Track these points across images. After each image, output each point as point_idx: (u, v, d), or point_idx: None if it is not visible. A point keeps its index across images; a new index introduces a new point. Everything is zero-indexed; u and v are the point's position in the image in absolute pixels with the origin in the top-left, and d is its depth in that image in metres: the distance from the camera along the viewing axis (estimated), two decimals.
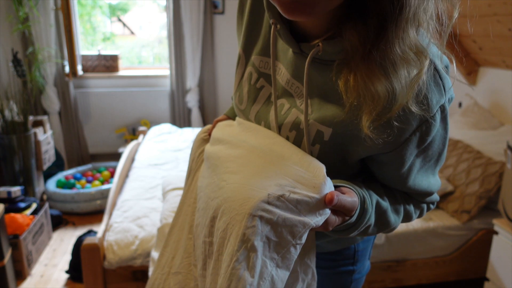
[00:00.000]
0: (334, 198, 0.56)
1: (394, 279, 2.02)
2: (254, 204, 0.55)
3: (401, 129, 0.58)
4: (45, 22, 3.21)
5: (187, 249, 0.78)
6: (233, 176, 0.63)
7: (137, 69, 3.96)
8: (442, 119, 0.61)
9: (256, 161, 0.64)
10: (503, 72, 2.44)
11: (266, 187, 0.57)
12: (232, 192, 0.59)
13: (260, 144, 0.67)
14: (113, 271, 1.76)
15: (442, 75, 0.59)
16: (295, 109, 0.67)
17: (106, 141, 3.80)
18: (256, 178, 0.59)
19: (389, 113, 0.56)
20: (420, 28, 0.54)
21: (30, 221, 2.30)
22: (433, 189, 0.71)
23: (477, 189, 2.03)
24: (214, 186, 0.65)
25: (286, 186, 0.57)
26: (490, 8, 2.11)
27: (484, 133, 2.37)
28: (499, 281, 1.87)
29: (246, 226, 0.54)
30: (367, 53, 0.54)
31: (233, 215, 0.56)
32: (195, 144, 0.89)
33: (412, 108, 0.55)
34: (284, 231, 0.55)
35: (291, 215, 0.55)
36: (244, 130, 0.74)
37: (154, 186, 2.32)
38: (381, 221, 0.68)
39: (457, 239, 2.05)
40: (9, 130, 2.61)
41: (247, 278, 0.53)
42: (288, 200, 0.55)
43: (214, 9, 3.59)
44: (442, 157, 0.67)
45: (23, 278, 2.20)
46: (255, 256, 0.53)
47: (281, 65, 0.70)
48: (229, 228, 0.57)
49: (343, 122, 0.61)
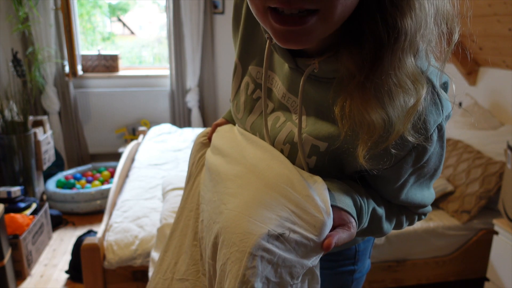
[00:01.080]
0: (331, 245, 0.56)
1: (394, 279, 2.02)
2: (254, 242, 0.54)
3: (398, 153, 0.58)
4: (45, 22, 3.21)
5: (193, 256, 0.77)
6: (233, 200, 0.62)
7: (137, 69, 3.96)
8: (439, 138, 0.59)
9: (256, 184, 0.63)
10: (503, 72, 2.44)
11: (266, 220, 0.56)
12: (231, 221, 0.59)
13: (259, 162, 0.66)
14: (113, 271, 1.75)
15: (440, 94, 0.57)
16: (290, 123, 0.67)
17: (106, 141, 3.80)
18: (255, 207, 0.58)
19: (386, 143, 0.55)
20: (419, 53, 0.53)
21: (30, 221, 2.30)
22: (427, 202, 0.71)
23: (477, 189, 2.03)
24: (215, 207, 0.65)
25: (286, 222, 0.56)
26: (490, 8, 2.11)
27: (484, 133, 2.37)
28: (499, 281, 1.87)
29: (247, 267, 0.53)
30: (363, 81, 0.53)
31: (233, 250, 0.56)
32: (195, 148, 0.89)
33: (410, 137, 0.54)
34: (284, 272, 0.54)
35: (290, 256, 0.55)
36: (244, 141, 0.74)
37: (154, 186, 2.32)
38: (374, 227, 0.68)
39: (457, 239, 2.05)
40: (9, 130, 2.60)
41: None
42: (288, 241, 0.55)
43: (214, 9, 3.60)
44: (438, 172, 0.66)
45: (23, 278, 2.20)
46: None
47: (277, 78, 0.69)
48: (228, 263, 0.56)
49: (339, 138, 0.61)
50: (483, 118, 2.48)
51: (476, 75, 2.66)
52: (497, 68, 2.48)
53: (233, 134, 0.78)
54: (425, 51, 0.54)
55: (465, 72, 2.65)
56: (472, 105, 2.58)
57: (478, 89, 2.66)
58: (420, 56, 0.55)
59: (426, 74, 0.55)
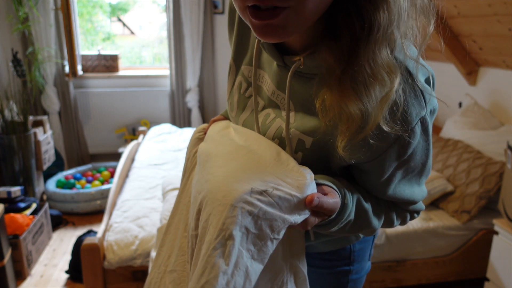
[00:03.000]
0: (314, 199, 0.57)
1: (394, 279, 2.02)
2: (236, 196, 0.55)
3: (379, 145, 0.59)
4: (45, 22, 3.21)
5: (182, 247, 0.78)
6: (219, 169, 0.64)
7: (137, 69, 3.96)
8: (423, 131, 0.60)
9: (244, 157, 0.65)
10: (503, 72, 2.44)
11: (250, 181, 0.58)
12: (216, 183, 0.60)
13: (249, 144, 0.69)
14: (113, 271, 1.76)
15: (423, 88, 0.58)
16: (280, 119, 0.69)
17: (106, 141, 3.80)
18: (241, 172, 0.60)
19: (363, 133, 0.57)
20: (396, 46, 0.55)
21: (30, 221, 2.30)
22: (416, 198, 0.71)
23: (477, 189, 2.03)
24: (202, 180, 0.66)
25: (270, 183, 0.58)
26: (490, 8, 2.11)
27: (484, 133, 2.37)
28: (499, 281, 1.87)
29: (227, 216, 0.55)
30: (341, 74, 0.55)
31: (215, 205, 0.57)
32: (191, 143, 0.90)
33: (385, 127, 0.56)
34: (264, 224, 0.55)
35: (272, 210, 0.56)
36: (236, 131, 0.76)
37: (154, 186, 2.32)
38: (362, 221, 0.68)
39: (457, 239, 2.05)
40: (9, 130, 2.60)
41: (221, 266, 0.53)
42: (271, 196, 0.56)
43: (214, 9, 3.60)
44: (426, 168, 0.67)
45: (23, 278, 2.20)
46: (232, 245, 0.54)
47: (267, 76, 0.71)
48: (210, 218, 0.57)
49: (323, 133, 0.62)
50: (483, 118, 2.48)
51: (476, 75, 2.66)
52: (497, 68, 2.48)
53: (227, 127, 0.81)
54: (401, 44, 0.56)
55: (465, 72, 2.65)
56: (472, 105, 2.58)
57: (478, 89, 2.66)
58: (399, 49, 0.56)
59: (404, 65, 0.57)
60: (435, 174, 2.17)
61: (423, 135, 0.61)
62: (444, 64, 2.92)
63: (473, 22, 2.34)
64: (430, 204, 2.17)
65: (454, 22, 2.49)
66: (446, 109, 2.97)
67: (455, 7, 2.36)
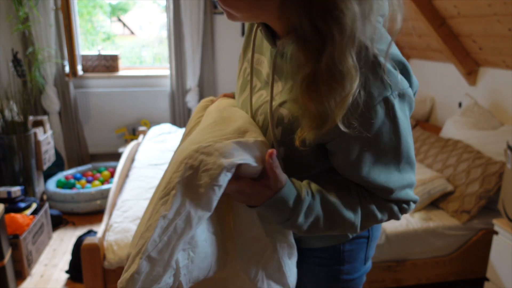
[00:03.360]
0: (273, 152, 0.63)
1: (394, 279, 2.02)
2: (186, 154, 0.64)
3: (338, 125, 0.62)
4: (45, 22, 3.21)
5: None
6: (188, 138, 0.73)
7: (137, 69, 3.96)
8: (388, 112, 0.62)
9: (214, 129, 0.72)
10: (503, 72, 2.44)
11: (204, 140, 0.66)
12: (180, 150, 0.69)
13: (229, 118, 0.76)
14: (113, 271, 1.76)
15: (388, 71, 0.61)
16: (269, 98, 0.75)
17: (106, 141, 3.80)
18: (201, 138, 0.68)
19: (322, 130, 0.61)
20: (358, 49, 0.59)
21: (30, 221, 2.30)
22: (392, 185, 0.69)
23: (477, 189, 2.03)
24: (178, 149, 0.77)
25: (223, 138, 0.66)
26: (490, 8, 2.11)
27: (484, 133, 2.37)
28: (499, 281, 1.87)
29: (174, 171, 0.64)
30: (307, 75, 0.60)
31: (171, 164, 0.67)
32: (196, 110, 0.96)
33: (341, 125, 0.60)
34: (204, 175, 0.62)
35: (208, 158, 0.63)
36: (231, 109, 0.84)
37: (154, 186, 2.32)
38: (333, 214, 0.69)
39: (457, 239, 2.05)
40: (9, 130, 2.60)
41: (162, 212, 0.62)
42: (215, 147, 0.63)
43: (214, 9, 3.59)
44: (402, 153, 0.67)
45: (23, 278, 2.20)
46: (175, 194, 0.62)
47: (265, 61, 0.78)
48: (166, 174, 0.67)
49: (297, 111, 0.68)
50: (483, 118, 2.48)
51: (476, 75, 2.66)
52: (497, 68, 2.48)
53: (230, 105, 0.86)
54: (370, 41, 0.59)
55: (465, 72, 2.65)
56: (472, 105, 2.58)
57: (478, 89, 2.66)
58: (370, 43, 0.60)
59: (373, 53, 0.60)
60: (435, 174, 2.17)
61: (389, 116, 0.62)
62: (444, 64, 2.92)
63: (473, 22, 2.34)
64: (430, 204, 2.17)
65: (454, 22, 2.49)
66: (446, 109, 2.97)
67: (455, 7, 2.36)
